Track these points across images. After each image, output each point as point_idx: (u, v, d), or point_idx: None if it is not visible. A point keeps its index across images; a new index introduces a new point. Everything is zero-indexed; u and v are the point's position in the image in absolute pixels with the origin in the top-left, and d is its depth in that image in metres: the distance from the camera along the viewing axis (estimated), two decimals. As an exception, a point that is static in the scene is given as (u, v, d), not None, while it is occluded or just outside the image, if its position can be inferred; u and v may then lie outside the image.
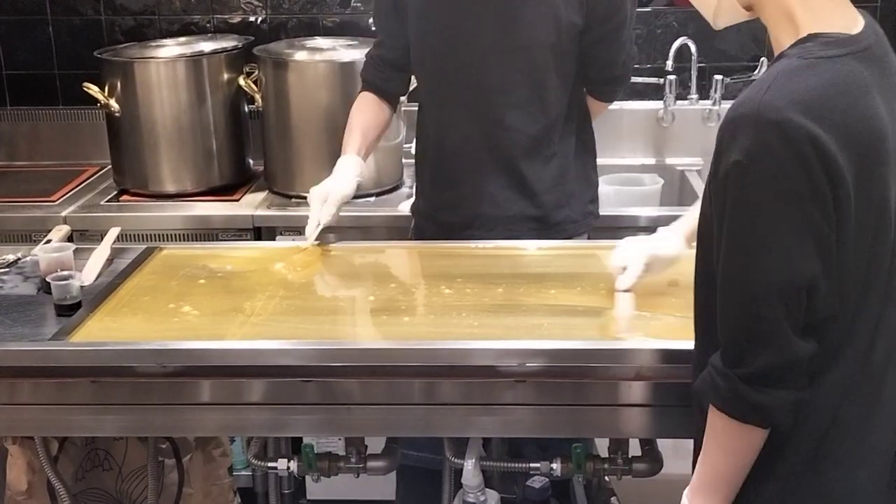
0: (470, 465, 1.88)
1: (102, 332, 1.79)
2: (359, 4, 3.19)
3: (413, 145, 2.92)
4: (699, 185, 2.90)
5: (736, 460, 1.37)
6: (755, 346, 1.29)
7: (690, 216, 1.85)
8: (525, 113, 2.18)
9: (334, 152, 2.77)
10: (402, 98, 2.87)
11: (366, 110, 2.33)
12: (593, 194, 2.37)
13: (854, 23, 1.33)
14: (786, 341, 1.28)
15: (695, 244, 1.47)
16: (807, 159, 1.22)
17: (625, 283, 1.89)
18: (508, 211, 2.22)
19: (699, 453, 1.43)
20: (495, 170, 2.20)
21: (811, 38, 1.30)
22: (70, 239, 2.34)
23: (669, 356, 1.65)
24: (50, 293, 1.88)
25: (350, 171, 2.19)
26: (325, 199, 2.14)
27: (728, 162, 1.26)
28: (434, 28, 2.19)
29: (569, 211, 2.27)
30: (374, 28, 2.39)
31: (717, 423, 1.35)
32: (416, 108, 3.05)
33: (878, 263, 1.33)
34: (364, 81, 2.36)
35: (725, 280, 1.31)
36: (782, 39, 1.34)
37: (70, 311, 1.86)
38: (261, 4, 3.22)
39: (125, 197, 2.94)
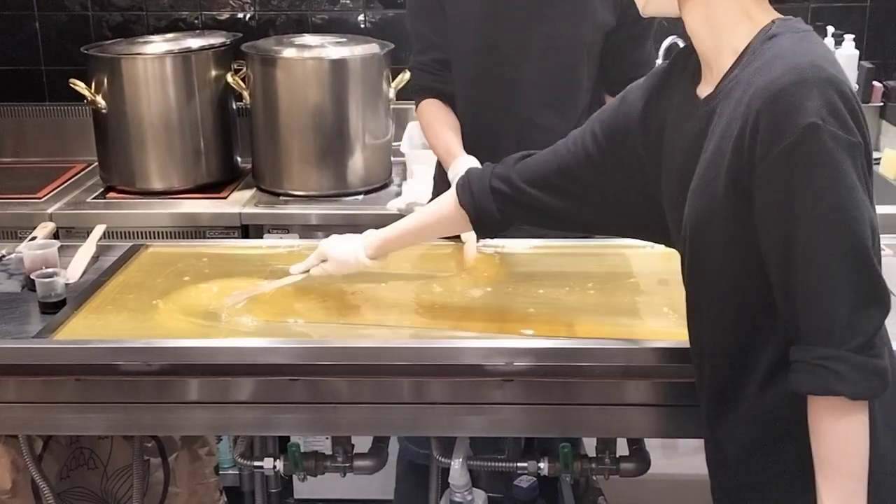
0: (457, 465, 1.88)
1: (87, 329, 1.78)
2: (347, 2, 3.19)
3: (402, 143, 2.93)
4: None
5: (866, 449, 1.29)
6: (865, 309, 1.25)
7: (391, 231, 1.88)
8: (557, 112, 2.16)
9: (322, 150, 2.78)
10: (391, 96, 2.87)
11: (443, 116, 2.24)
12: None
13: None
14: (887, 293, 1.26)
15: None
16: (859, 113, 1.27)
17: (297, 268, 1.93)
18: None
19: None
20: None
21: (777, 22, 1.35)
22: (56, 236, 2.32)
23: (658, 355, 1.64)
24: (34, 290, 1.87)
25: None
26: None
27: (797, 128, 1.24)
28: (471, 26, 2.16)
29: None
30: (412, 33, 2.29)
31: (843, 416, 1.26)
32: (406, 107, 3.07)
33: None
34: (423, 90, 2.27)
35: (819, 248, 1.25)
36: (736, 34, 1.36)
37: (54, 308, 1.84)
38: (249, 1, 3.20)
39: (112, 194, 2.92)
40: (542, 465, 1.88)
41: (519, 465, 1.91)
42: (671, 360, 1.61)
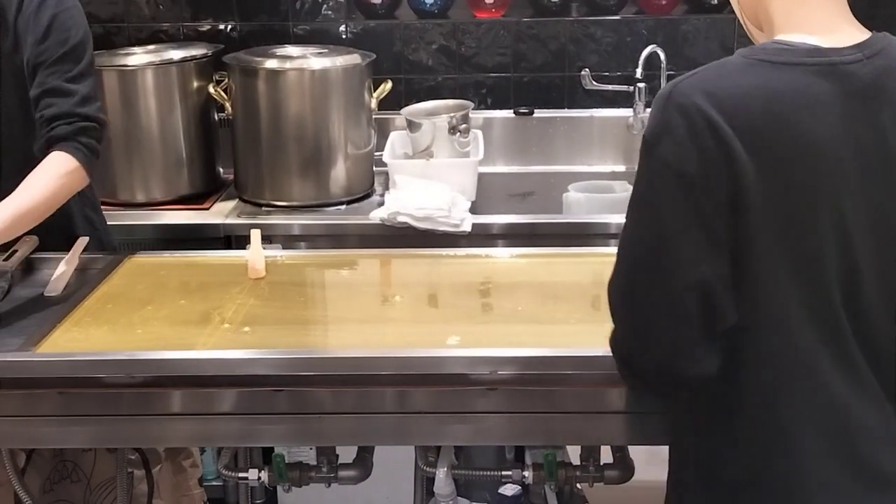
0: (442, 474, 1.88)
1: (70, 342, 1.77)
2: (329, 13, 3.19)
3: (384, 153, 2.93)
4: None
5: None
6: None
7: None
8: None
9: (304, 160, 2.78)
10: (373, 107, 2.88)
11: None
12: None
13: (839, 37, 1.28)
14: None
15: None
16: (705, 146, 1.21)
17: None
18: None
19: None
20: None
21: (773, 42, 1.30)
22: (39, 248, 2.31)
23: (640, 363, 1.65)
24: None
25: None
26: None
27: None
28: None
29: None
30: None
31: None
32: (388, 117, 3.08)
33: (817, 287, 1.26)
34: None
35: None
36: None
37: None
38: (231, 12, 3.20)
39: (93, 206, 2.91)
40: (526, 473, 1.88)
41: (503, 473, 1.91)
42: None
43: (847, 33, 1.29)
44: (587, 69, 3.05)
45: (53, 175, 1.95)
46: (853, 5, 1.34)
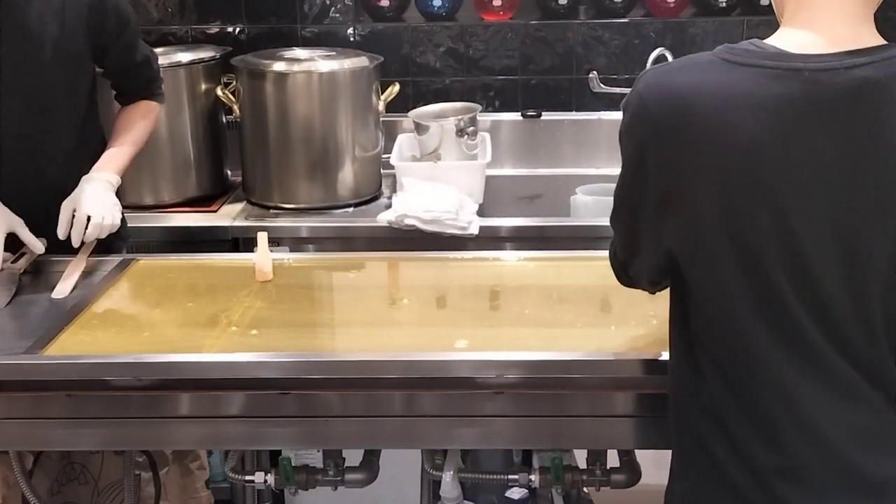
0: (448, 477, 1.88)
1: (77, 345, 1.77)
2: (337, 15, 3.19)
3: (392, 156, 2.93)
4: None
5: None
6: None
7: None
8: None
9: (312, 163, 2.78)
10: (381, 109, 2.88)
11: None
12: None
13: (836, 41, 1.26)
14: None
15: None
16: (641, 132, 1.32)
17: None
18: None
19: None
20: None
21: (749, 42, 1.30)
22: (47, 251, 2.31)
23: (648, 366, 1.65)
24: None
25: None
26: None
27: None
28: None
29: None
30: None
31: None
32: (395, 119, 3.08)
33: (763, 283, 1.27)
34: None
35: None
36: None
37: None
38: (239, 15, 3.21)
39: (102, 208, 2.91)
40: (533, 477, 1.88)
41: (510, 477, 1.91)
42: (662, 372, 1.62)
43: (850, 38, 1.27)
44: (595, 72, 3.05)
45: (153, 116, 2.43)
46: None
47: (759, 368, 1.29)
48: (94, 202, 2.11)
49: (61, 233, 2.08)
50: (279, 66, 2.77)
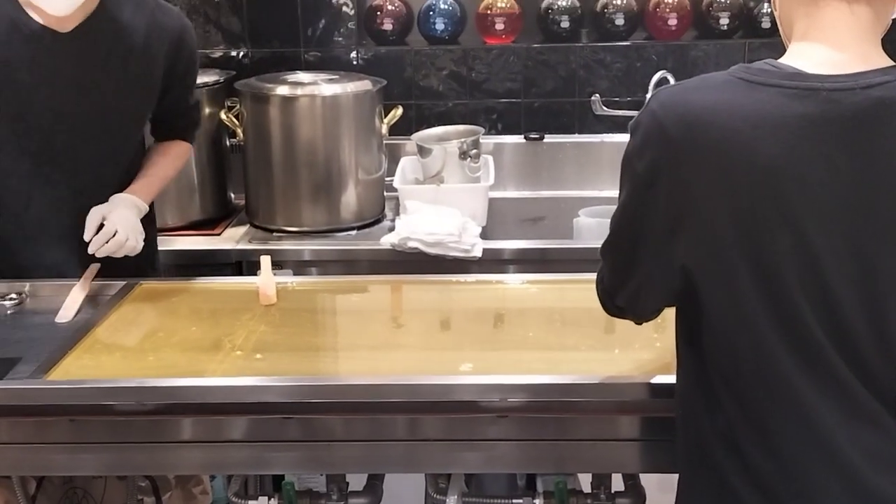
0: (452, 501, 1.87)
1: (81, 369, 1.77)
2: (340, 39, 3.21)
3: (395, 178, 2.94)
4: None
5: None
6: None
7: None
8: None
9: (315, 186, 2.79)
10: (384, 132, 2.89)
11: None
12: None
13: (847, 62, 1.27)
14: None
15: None
16: (655, 153, 1.30)
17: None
18: None
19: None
20: None
21: (765, 62, 1.31)
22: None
23: (653, 390, 1.64)
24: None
25: None
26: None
27: None
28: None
29: None
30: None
31: None
32: (398, 142, 3.08)
33: (782, 302, 1.26)
34: None
35: None
36: None
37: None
38: (242, 39, 3.22)
39: (105, 232, 2.92)
40: (537, 501, 1.87)
41: (514, 501, 1.90)
42: (667, 395, 1.61)
43: (860, 59, 1.28)
44: (597, 94, 3.06)
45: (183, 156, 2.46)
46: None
47: (778, 389, 1.28)
48: (125, 221, 2.12)
49: (87, 236, 2.09)
50: (282, 90, 2.78)
